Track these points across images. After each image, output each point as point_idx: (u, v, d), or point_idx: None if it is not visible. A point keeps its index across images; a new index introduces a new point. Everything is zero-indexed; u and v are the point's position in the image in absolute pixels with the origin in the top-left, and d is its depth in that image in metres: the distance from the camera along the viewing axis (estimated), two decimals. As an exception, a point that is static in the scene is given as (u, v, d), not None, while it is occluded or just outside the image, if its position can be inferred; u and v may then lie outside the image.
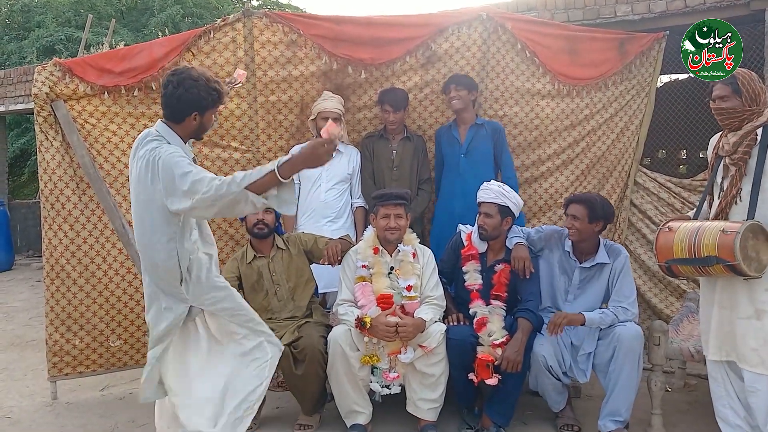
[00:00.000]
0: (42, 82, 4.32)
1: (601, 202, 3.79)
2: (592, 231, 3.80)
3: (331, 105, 4.49)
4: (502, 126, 4.64)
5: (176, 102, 2.86)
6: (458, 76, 4.52)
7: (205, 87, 2.87)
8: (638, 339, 3.62)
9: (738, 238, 2.92)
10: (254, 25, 4.51)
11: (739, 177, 3.14)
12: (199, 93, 2.85)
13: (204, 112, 2.91)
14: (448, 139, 4.58)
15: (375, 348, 3.69)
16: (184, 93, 2.83)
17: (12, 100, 10.81)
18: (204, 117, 2.93)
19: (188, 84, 2.84)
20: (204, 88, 2.86)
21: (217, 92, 2.92)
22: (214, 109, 2.97)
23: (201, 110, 2.90)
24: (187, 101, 2.85)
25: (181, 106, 2.87)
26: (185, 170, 2.71)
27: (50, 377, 4.53)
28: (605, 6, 5.64)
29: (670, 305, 5.01)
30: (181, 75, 2.87)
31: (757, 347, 3.09)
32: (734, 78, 3.18)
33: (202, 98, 2.87)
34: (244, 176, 2.65)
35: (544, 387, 3.81)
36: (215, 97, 2.92)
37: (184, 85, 2.84)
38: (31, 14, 16.68)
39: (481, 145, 4.50)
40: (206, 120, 2.96)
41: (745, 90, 3.14)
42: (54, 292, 4.45)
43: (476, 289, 3.90)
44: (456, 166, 4.53)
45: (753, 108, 3.14)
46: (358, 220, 4.69)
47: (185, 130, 2.93)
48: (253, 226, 3.98)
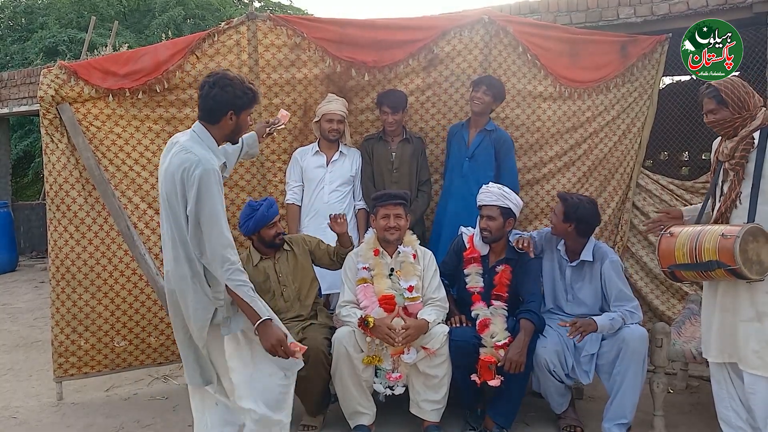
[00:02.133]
0: (48, 84, 4.35)
1: (585, 209, 3.80)
2: (565, 230, 3.85)
3: (335, 107, 4.52)
4: (510, 138, 4.63)
5: (212, 101, 2.91)
6: (492, 81, 4.50)
7: (240, 86, 2.92)
8: (644, 341, 3.63)
9: (738, 242, 2.92)
10: (258, 28, 4.54)
11: (738, 181, 3.15)
12: (235, 92, 2.91)
13: (239, 111, 2.96)
14: (458, 139, 4.61)
15: (378, 349, 3.70)
16: (219, 92, 2.89)
17: (15, 101, 10.83)
18: (240, 117, 2.98)
19: (223, 83, 2.89)
20: (239, 87, 2.92)
21: (252, 92, 2.98)
22: (250, 109, 3.02)
23: (236, 110, 2.94)
24: (222, 100, 2.90)
25: (216, 106, 2.92)
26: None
27: (56, 378, 4.56)
28: (608, 9, 5.65)
29: (672, 307, 5.02)
30: (217, 75, 2.93)
31: (758, 349, 3.10)
32: (716, 90, 3.17)
33: (238, 97, 2.92)
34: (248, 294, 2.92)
35: (547, 388, 3.82)
36: (250, 97, 2.97)
37: (219, 85, 2.89)
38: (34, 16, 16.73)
39: (486, 152, 4.51)
40: (242, 121, 3.00)
41: (729, 99, 3.14)
42: (59, 293, 4.47)
43: (478, 292, 3.92)
44: (459, 168, 4.55)
45: (743, 114, 3.14)
46: (360, 222, 4.71)
47: (221, 131, 2.98)
48: (273, 238, 3.99)
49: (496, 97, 4.49)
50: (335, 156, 4.62)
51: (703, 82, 3.49)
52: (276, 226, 4.00)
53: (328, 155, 4.62)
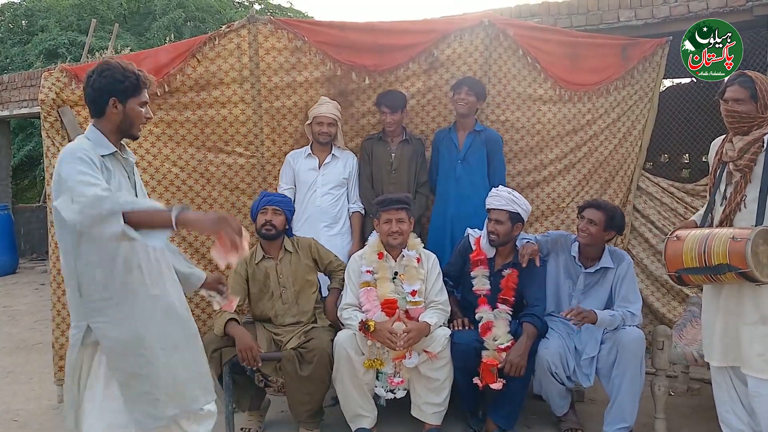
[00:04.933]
0: (49, 88, 4.35)
1: (620, 215, 3.84)
2: (603, 238, 3.83)
3: (326, 110, 4.51)
4: (500, 136, 4.66)
5: (91, 90, 2.64)
6: (473, 81, 4.52)
7: (121, 71, 2.63)
8: (639, 342, 3.63)
9: (749, 244, 2.87)
10: (259, 31, 4.54)
11: (744, 184, 3.10)
12: (114, 76, 2.62)
13: (124, 99, 2.63)
14: (447, 144, 4.61)
15: (379, 352, 3.71)
16: (98, 78, 2.62)
17: (16, 104, 10.83)
18: (126, 106, 2.63)
19: (101, 68, 2.64)
20: (120, 72, 2.63)
21: (135, 75, 2.66)
22: (138, 97, 2.66)
23: (119, 96, 2.62)
24: (101, 87, 2.61)
25: (96, 94, 2.63)
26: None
27: (57, 380, 4.54)
28: (608, 11, 5.65)
29: (672, 309, 5.02)
30: (99, 65, 2.68)
31: (763, 352, 3.06)
32: (753, 83, 3.05)
33: (118, 81, 2.62)
34: (129, 202, 2.37)
35: (548, 391, 3.82)
36: (133, 81, 2.63)
37: (97, 71, 2.64)
38: (34, 18, 16.76)
39: (478, 152, 4.53)
40: (130, 110, 2.65)
41: (762, 96, 3.04)
42: (60, 296, 4.46)
43: (484, 294, 3.92)
44: (452, 171, 4.55)
45: (765, 115, 3.06)
46: (355, 225, 4.71)
47: (109, 123, 2.65)
48: (261, 227, 4.02)
49: (479, 96, 4.50)
50: (327, 159, 4.61)
51: (703, 84, 3.46)
52: (268, 213, 4.00)
53: (320, 158, 4.62)
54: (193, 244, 4.68)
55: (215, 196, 4.67)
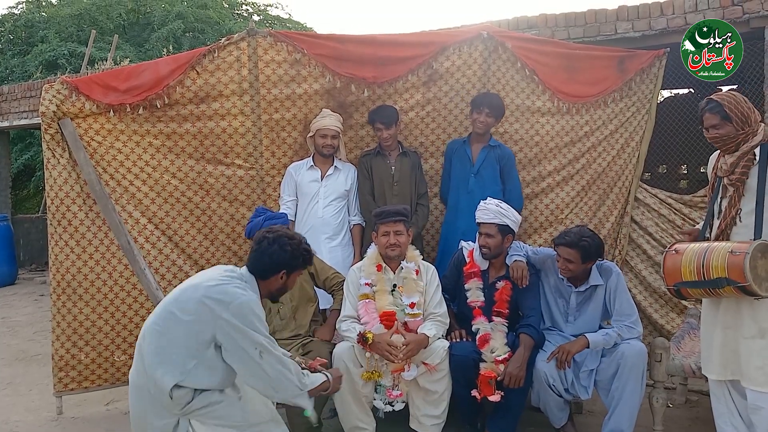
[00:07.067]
0: (49, 100, 4.37)
1: (595, 245, 3.73)
2: (585, 269, 3.81)
3: (329, 122, 4.54)
4: (512, 152, 4.70)
5: (268, 259, 2.90)
6: (494, 103, 4.51)
7: (298, 248, 2.93)
8: (642, 356, 3.63)
9: (747, 258, 2.89)
10: (258, 44, 4.57)
11: (738, 197, 3.13)
12: (293, 252, 2.91)
13: (291, 272, 2.96)
14: (460, 156, 4.63)
15: (378, 364, 3.71)
16: (278, 250, 2.88)
17: (16, 115, 10.83)
18: (290, 278, 2.98)
19: (282, 242, 2.90)
20: (297, 249, 2.93)
21: (309, 254, 3.00)
22: (301, 271, 3.03)
23: (289, 270, 2.95)
24: (278, 260, 2.89)
25: (272, 265, 2.90)
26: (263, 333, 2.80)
27: (56, 392, 4.56)
28: (606, 23, 5.68)
29: (671, 321, 5.02)
30: (277, 233, 2.94)
31: (762, 365, 3.08)
32: (720, 105, 3.15)
33: (294, 258, 2.93)
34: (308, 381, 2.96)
35: (546, 403, 3.83)
36: (306, 259, 2.99)
37: (279, 243, 2.89)
38: (34, 29, 16.80)
39: (492, 167, 4.56)
40: (291, 281, 3.00)
41: (734, 115, 3.12)
42: (60, 307, 4.48)
43: (478, 306, 3.93)
44: (465, 184, 4.58)
45: (746, 129, 3.12)
46: (355, 237, 4.72)
47: (267, 288, 2.96)
48: None
49: (497, 117, 4.55)
50: (330, 170, 4.64)
51: (701, 96, 3.49)
52: None
53: (322, 170, 4.64)
54: (192, 256, 4.70)
55: (214, 208, 4.69)
